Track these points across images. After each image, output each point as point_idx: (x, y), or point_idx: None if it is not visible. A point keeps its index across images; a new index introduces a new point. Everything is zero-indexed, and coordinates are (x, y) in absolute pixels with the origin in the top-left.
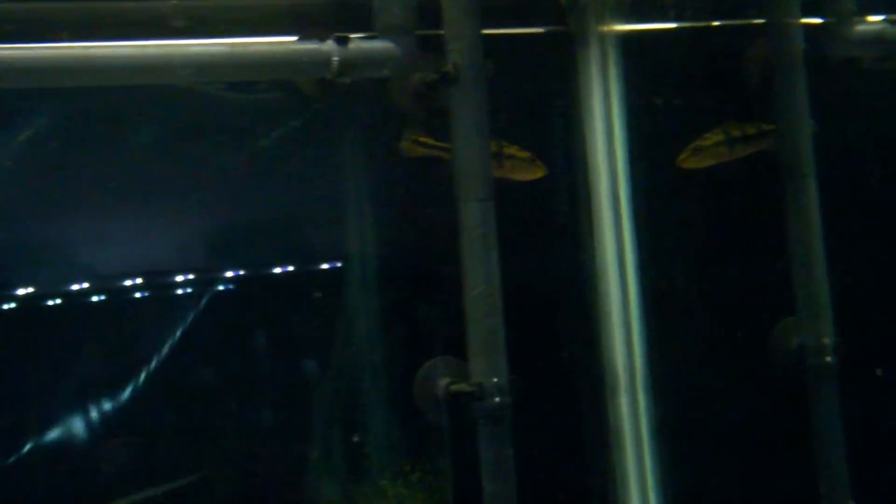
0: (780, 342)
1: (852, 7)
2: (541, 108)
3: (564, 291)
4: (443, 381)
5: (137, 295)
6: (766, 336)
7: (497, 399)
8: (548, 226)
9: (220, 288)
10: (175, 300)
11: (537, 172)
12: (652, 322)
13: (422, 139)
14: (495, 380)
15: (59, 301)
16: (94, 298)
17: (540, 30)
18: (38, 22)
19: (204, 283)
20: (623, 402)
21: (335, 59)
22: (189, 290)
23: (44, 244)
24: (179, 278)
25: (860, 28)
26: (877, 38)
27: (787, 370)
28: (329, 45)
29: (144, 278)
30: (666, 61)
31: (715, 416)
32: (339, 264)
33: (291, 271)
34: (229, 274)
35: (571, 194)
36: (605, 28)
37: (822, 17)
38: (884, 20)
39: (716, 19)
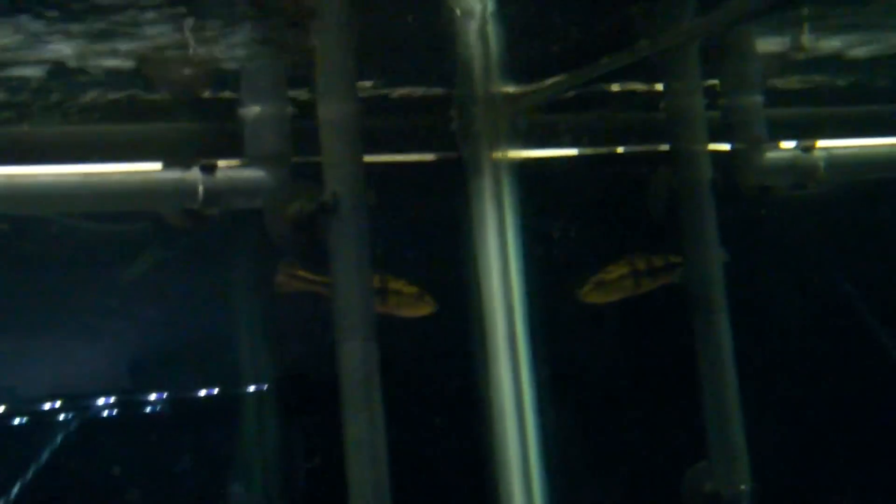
0: (694, 488)
1: (763, 133)
2: (431, 239)
3: (458, 437)
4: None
5: None
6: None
7: None
8: (439, 366)
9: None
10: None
11: (425, 308)
12: (553, 471)
13: (299, 272)
14: None
15: None
16: None
17: (429, 157)
18: None
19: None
20: None
21: (201, 188)
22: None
23: None
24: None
25: (772, 155)
26: (790, 166)
27: None
28: (194, 174)
29: None
30: (564, 189)
31: None
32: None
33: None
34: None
35: (464, 331)
36: (499, 154)
37: (731, 144)
38: (795, 147)
39: (619, 145)
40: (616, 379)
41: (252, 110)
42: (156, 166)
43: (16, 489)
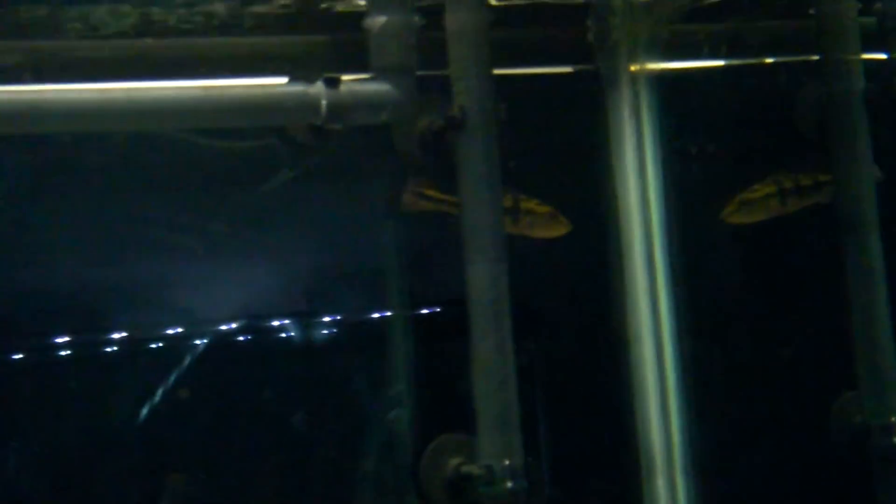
0: (840, 420)
1: None
2: (564, 156)
3: (594, 361)
4: (452, 462)
5: None
6: (821, 412)
7: (509, 484)
8: (573, 288)
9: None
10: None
11: (559, 229)
12: (692, 396)
13: (426, 191)
14: (507, 462)
15: None
16: None
17: (564, 69)
18: None
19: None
20: (660, 484)
21: (324, 102)
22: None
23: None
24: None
25: None
26: None
27: (849, 451)
28: (318, 88)
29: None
30: (707, 103)
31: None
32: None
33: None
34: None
35: (600, 253)
36: (638, 67)
37: (887, 53)
38: None
39: (763, 56)
40: (758, 306)
41: (377, 21)
42: (279, 80)
43: None
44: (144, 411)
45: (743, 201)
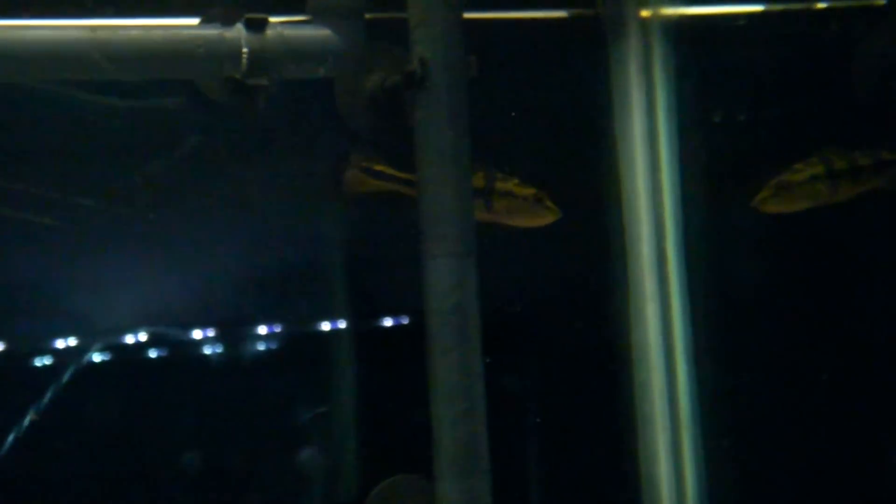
0: None
1: None
2: (554, 124)
3: (589, 386)
4: None
5: None
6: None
7: None
8: (563, 293)
9: None
10: None
11: (546, 216)
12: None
13: (376, 167)
14: None
15: None
16: None
17: (558, 13)
18: None
19: None
20: None
21: (245, 50)
22: None
23: None
24: None
25: None
26: None
27: None
28: (237, 31)
29: None
30: (734, 58)
31: None
32: None
33: None
34: None
35: (597, 250)
36: (650, 12)
37: None
38: None
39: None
40: (800, 318)
41: None
42: (190, 21)
43: None
44: None
45: (781, 184)
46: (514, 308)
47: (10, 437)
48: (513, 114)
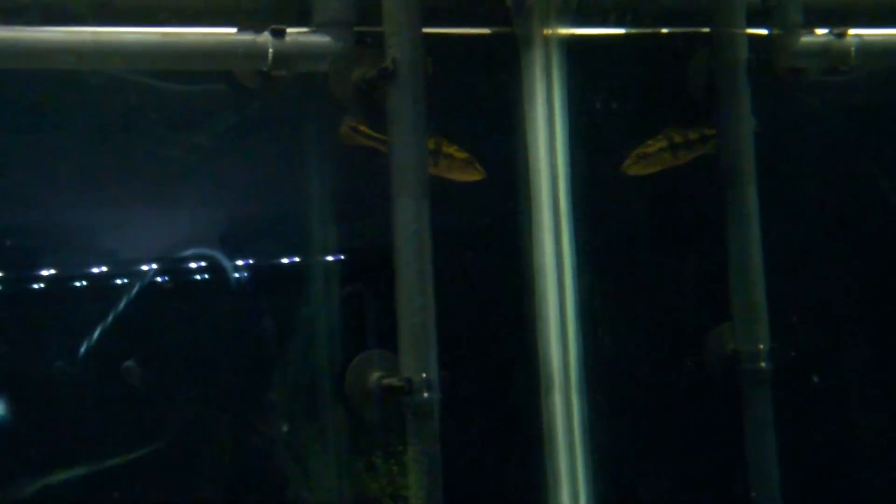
0: (715, 347)
1: (799, 19)
2: (483, 109)
3: (502, 292)
4: (374, 376)
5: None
6: (701, 340)
7: (425, 394)
8: (486, 227)
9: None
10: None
11: (474, 175)
12: (588, 325)
13: (360, 128)
14: (424, 375)
15: None
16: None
17: (484, 30)
18: None
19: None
20: (557, 400)
21: (271, 50)
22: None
23: None
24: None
25: (806, 40)
26: (823, 51)
27: (723, 375)
28: (265, 37)
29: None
30: (610, 66)
31: (648, 418)
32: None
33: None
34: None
35: (511, 196)
36: (550, 31)
37: (768, 28)
38: (829, 33)
39: (661, 26)
40: (648, 244)
41: None
42: (231, 30)
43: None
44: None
45: (640, 155)
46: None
47: None
48: (456, 103)
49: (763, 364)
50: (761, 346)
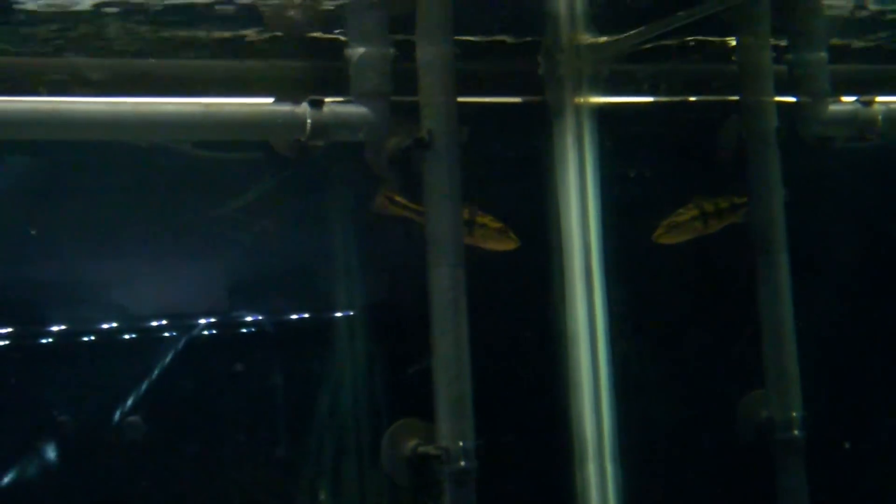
0: (748, 414)
1: (826, 88)
2: (517, 177)
3: (536, 360)
4: (410, 444)
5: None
6: (734, 408)
7: (463, 463)
8: (521, 294)
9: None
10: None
11: (509, 244)
12: (621, 392)
13: (396, 197)
14: (461, 444)
15: None
16: None
17: (517, 99)
18: (15, 75)
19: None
20: (591, 470)
21: (309, 121)
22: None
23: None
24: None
25: (834, 108)
26: (850, 119)
27: (755, 442)
28: (303, 108)
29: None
30: (641, 134)
31: (682, 487)
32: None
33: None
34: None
35: (545, 263)
36: (582, 100)
37: (796, 97)
38: (856, 101)
39: (691, 95)
40: (684, 314)
41: (357, 51)
42: (268, 101)
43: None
44: None
45: (671, 224)
46: None
47: None
48: (489, 170)
49: (796, 432)
50: (794, 414)
